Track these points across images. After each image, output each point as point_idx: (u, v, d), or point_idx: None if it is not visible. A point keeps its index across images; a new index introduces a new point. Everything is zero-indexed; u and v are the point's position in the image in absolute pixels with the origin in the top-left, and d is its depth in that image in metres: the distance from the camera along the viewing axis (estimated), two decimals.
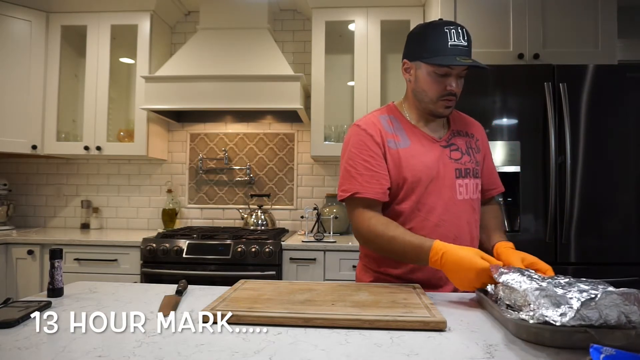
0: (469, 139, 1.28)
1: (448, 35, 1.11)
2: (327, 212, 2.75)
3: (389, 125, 1.22)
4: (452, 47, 1.11)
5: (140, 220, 3.08)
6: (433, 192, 1.18)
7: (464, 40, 1.12)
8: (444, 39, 1.11)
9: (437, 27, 1.14)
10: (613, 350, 0.54)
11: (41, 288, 2.41)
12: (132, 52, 2.89)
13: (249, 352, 0.69)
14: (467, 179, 1.22)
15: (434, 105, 1.18)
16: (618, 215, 2.02)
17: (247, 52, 2.69)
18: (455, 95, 1.17)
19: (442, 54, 1.11)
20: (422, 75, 1.17)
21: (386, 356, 0.68)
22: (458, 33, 1.12)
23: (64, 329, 0.80)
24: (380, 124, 1.22)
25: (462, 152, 1.24)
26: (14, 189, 3.09)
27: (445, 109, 1.18)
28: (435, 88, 1.16)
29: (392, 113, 1.26)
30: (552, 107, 2.02)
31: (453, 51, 1.11)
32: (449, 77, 1.15)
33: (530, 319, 0.71)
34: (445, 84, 1.15)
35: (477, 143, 1.30)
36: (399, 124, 1.23)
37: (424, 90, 1.18)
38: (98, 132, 2.74)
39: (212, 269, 2.28)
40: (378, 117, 1.24)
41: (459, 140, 1.26)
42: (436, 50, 1.12)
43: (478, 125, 1.36)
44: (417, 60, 1.17)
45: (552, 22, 2.26)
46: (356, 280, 1.36)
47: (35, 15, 2.75)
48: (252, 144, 3.06)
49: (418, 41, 1.18)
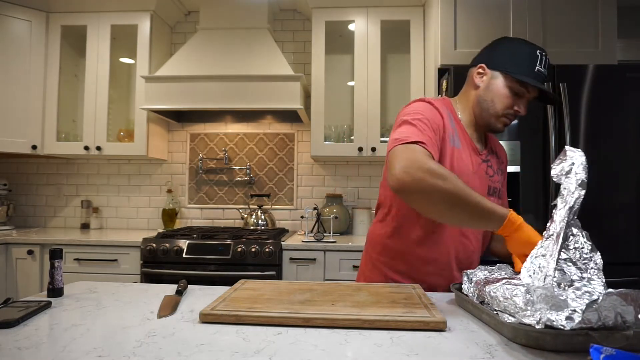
0: (498, 160, 1.30)
1: (539, 59, 1.12)
2: (327, 212, 2.75)
3: (447, 118, 1.16)
4: (537, 73, 1.12)
5: (140, 220, 3.09)
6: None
7: (545, 69, 1.14)
8: (533, 62, 1.12)
9: (531, 47, 1.14)
10: (613, 350, 0.54)
11: (41, 288, 2.41)
12: (132, 52, 2.89)
13: (249, 352, 0.69)
14: (494, 197, 1.23)
15: (495, 119, 1.17)
16: (618, 216, 2.02)
17: (247, 52, 2.69)
18: (515, 118, 1.17)
19: (528, 72, 1.12)
20: (497, 87, 1.16)
21: (386, 356, 0.68)
22: (546, 61, 1.13)
23: (64, 329, 0.80)
24: (447, 113, 1.16)
25: (494, 171, 1.24)
26: (14, 189, 3.09)
27: (502, 127, 1.18)
28: (506, 103, 1.15)
29: (449, 109, 1.21)
30: (552, 107, 2.02)
31: (537, 76, 1.12)
32: (521, 99, 1.15)
33: (536, 324, 0.68)
34: (515, 103, 1.15)
35: (502, 166, 1.32)
36: (453, 121, 1.19)
37: (493, 101, 1.16)
38: (98, 132, 2.74)
39: (212, 269, 2.28)
40: (443, 105, 1.18)
41: (493, 158, 1.27)
42: (523, 69, 1.12)
43: (503, 148, 1.38)
44: (499, 70, 1.15)
45: (552, 22, 2.25)
46: (358, 279, 1.35)
47: (35, 15, 2.75)
48: (252, 144, 3.06)
49: (507, 53, 1.16)
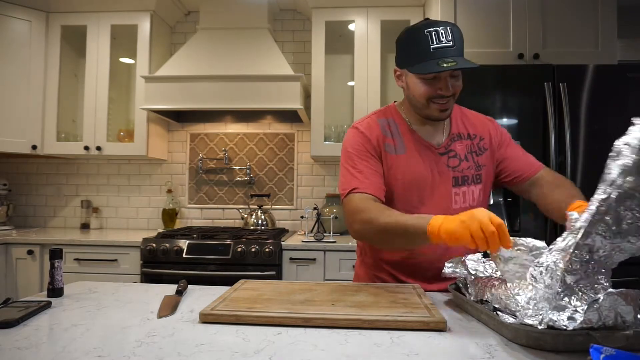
0: (471, 141, 1.23)
1: (429, 38, 1.05)
2: (327, 212, 2.75)
3: (387, 129, 1.20)
4: (435, 50, 1.05)
5: (140, 220, 3.08)
6: (427, 201, 1.16)
7: (446, 40, 1.05)
8: (425, 43, 1.05)
9: (417, 31, 1.08)
10: (613, 350, 0.54)
11: (41, 288, 2.41)
12: (132, 52, 2.89)
13: (249, 352, 0.69)
14: (464, 186, 1.19)
15: (428, 110, 1.14)
16: None
17: (247, 52, 2.69)
18: (450, 97, 1.11)
19: (425, 58, 1.06)
20: (411, 82, 1.14)
21: (386, 356, 0.68)
22: (440, 34, 1.05)
23: (64, 329, 0.80)
24: (379, 128, 1.19)
25: (461, 159, 1.20)
26: (14, 189, 3.09)
27: (440, 113, 1.13)
28: (426, 92, 1.11)
29: (392, 116, 1.23)
30: (552, 107, 2.02)
31: (437, 54, 1.04)
32: (439, 81, 1.09)
33: (538, 325, 0.69)
34: (436, 87, 1.10)
35: (481, 144, 1.23)
36: (397, 128, 1.20)
37: (415, 96, 1.14)
38: (98, 132, 2.74)
39: (212, 269, 2.28)
40: (376, 120, 1.22)
41: (459, 144, 1.21)
42: (418, 56, 1.07)
43: (485, 121, 1.28)
44: (403, 67, 1.15)
45: (552, 22, 2.26)
46: (354, 278, 1.37)
47: (35, 15, 2.75)
48: (252, 144, 3.06)
49: (402, 48, 1.15)
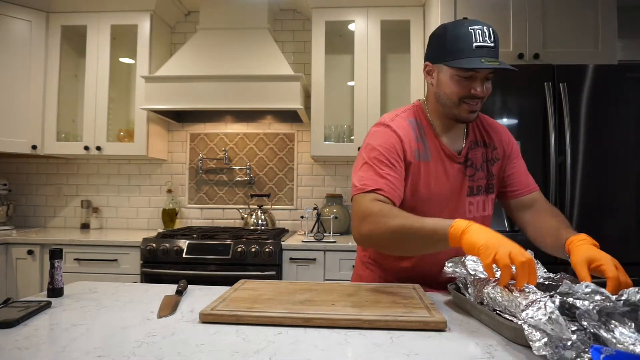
0: (486, 149, 1.22)
1: (473, 35, 1.03)
2: (327, 212, 2.75)
3: (417, 131, 1.16)
4: (477, 49, 1.03)
5: (140, 220, 3.08)
6: (443, 210, 1.15)
7: (489, 41, 1.03)
8: (468, 40, 1.03)
9: (460, 27, 1.05)
10: (613, 350, 0.54)
11: (41, 288, 2.41)
12: (132, 52, 2.89)
13: (249, 352, 0.69)
14: (478, 196, 1.19)
15: (457, 110, 1.11)
16: (618, 215, 2.02)
17: (247, 52, 2.69)
18: (480, 99, 1.09)
19: (466, 55, 1.03)
20: (444, 79, 1.10)
21: (386, 356, 0.68)
22: (484, 33, 1.03)
23: (64, 329, 0.80)
24: (410, 131, 1.15)
25: (476, 168, 1.19)
26: (14, 189, 3.09)
27: (469, 114, 1.10)
28: (459, 91, 1.08)
29: (419, 117, 1.20)
30: (552, 107, 2.02)
31: (478, 52, 1.03)
32: (475, 80, 1.07)
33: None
34: (470, 87, 1.07)
35: (494, 153, 1.23)
36: (423, 132, 1.17)
37: (447, 94, 1.10)
38: (98, 132, 2.74)
39: (212, 269, 2.28)
40: (407, 120, 1.18)
41: (476, 152, 1.20)
42: (460, 52, 1.04)
43: (500, 131, 1.27)
44: (439, 62, 1.10)
45: (552, 22, 2.26)
46: (353, 279, 1.36)
47: (35, 15, 2.75)
48: (252, 144, 3.06)
49: (440, 42, 1.09)
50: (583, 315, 0.63)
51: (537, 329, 0.64)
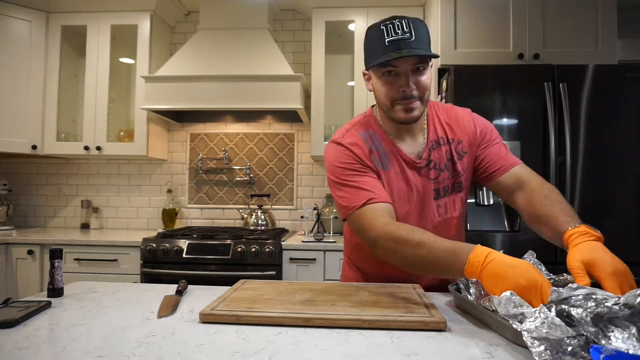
0: (450, 145, 1.14)
1: (384, 31, 0.99)
2: (327, 212, 2.75)
3: (370, 142, 1.12)
4: (390, 44, 0.98)
5: (140, 220, 3.08)
6: (411, 216, 1.12)
7: (402, 32, 0.98)
8: (380, 37, 1.00)
9: (375, 27, 1.03)
10: (613, 350, 0.54)
11: (41, 288, 2.41)
12: (132, 52, 2.89)
13: (249, 352, 0.69)
14: (445, 197, 1.14)
15: (393, 112, 1.06)
16: (618, 215, 2.02)
17: (247, 52, 2.69)
18: (414, 97, 1.02)
19: (381, 53, 0.99)
20: (375, 83, 1.07)
21: (386, 356, 0.68)
22: (395, 25, 0.99)
23: (64, 329, 0.80)
24: (363, 144, 1.11)
25: (440, 169, 1.13)
26: (14, 189, 3.09)
27: (406, 114, 1.04)
28: (388, 93, 1.04)
29: (371, 127, 1.15)
30: (552, 107, 2.02)
31: (391, 47, 0.98)
32: (400, 77, 1.01)
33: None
34: (398, 86, 1.02)
35: (459, 147, 1.14)
36: (378, 141, 1.13)
37: (380, 98, 1.08)
38: (98, 132, 2.74)
39: (212, 269, 2.28)
40: (358, 134, 1.13)
41: (439, 152, 1.14)
42: (376, 52, 1.01)
43: (464, 120, 1.17)
44: (368, 68, 1.07)
45: (552, 22, 2.25)
46: (341, 279, 1.36)
47: (35, 15, 2.75)
48: (252, 144, 3.06)
49: (364, 47, 1.08)
50: (579, 323, 0.62)
51: (537, 337, 0.63)
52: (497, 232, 2.04)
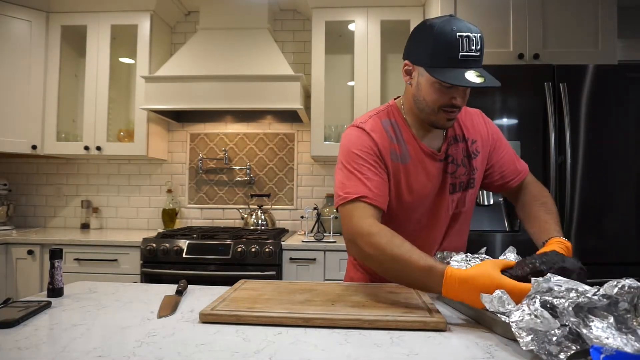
0: (465, 144, 1.17)
1: (460, 43, 0.95)
2: (327, 212, 2.75)
3: (392, 133, 1.12)
4: (462, 59, 0.95)
5: (140, 220, 3.08)
6: (426, 210, 1.14)
7: (476, 50, 0.96)
8: (454, 48, 0.95)
9: (447, 30, 0.96)
10: (613, 350, 0.54)
11: (41, 288, 2.41)
12: (132, 52, 2.89)
13: (249, 352, 0.69)
14: (459, 192, 1.17)
15: (435, 117, 1.06)
16: (618, 215, 2.02)
17: (247, 52, 2.69)
18: (459, 107, 1.04)
19: (451, 65, 0.96)
20: (424, 84, 1.04)
21: (386, 356, 0.68)
22: (471, 40, 0.95)
23: (64, 329, 0.80)
24: (384, 132, 1.11)
25: (457, 164, 1.15)
26: (14, 189, 3.09)
27: (447, 122, 1.06)
28: (438, 99, 1.03)
29: (394, 117, 1.15)
30: (552, 107, 2.02)
31: (464, 63, 0.95)
32: (456, 90, 1.02)
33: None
34: (451, 96, 1.02)
35: (474, 146, 1.18)
36: (400, 132, 1.13)
37: (426, 101, 1.05)
38: (98, 132, 2.74)
39: (212, 269, 2.28)
40: (380, 122, 1.13)
41: (456, 147, 1.16)
42: (444, 61, 0.96)
43: (477, 120, 1.22)
44: (420, 65, 1.03)
45: (552, 22, 2.26)
46: (345, 280, 1.36)
47: (35, 15, 2.75)
48: (252, 144, 3.06)
49: (423, 44, 1.01)
50: (562, 314, 0.64)
51: (524, 328, 0.66)
52: (497, 232, 2.04)
